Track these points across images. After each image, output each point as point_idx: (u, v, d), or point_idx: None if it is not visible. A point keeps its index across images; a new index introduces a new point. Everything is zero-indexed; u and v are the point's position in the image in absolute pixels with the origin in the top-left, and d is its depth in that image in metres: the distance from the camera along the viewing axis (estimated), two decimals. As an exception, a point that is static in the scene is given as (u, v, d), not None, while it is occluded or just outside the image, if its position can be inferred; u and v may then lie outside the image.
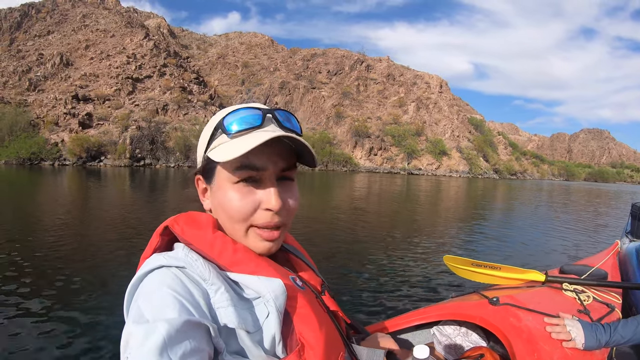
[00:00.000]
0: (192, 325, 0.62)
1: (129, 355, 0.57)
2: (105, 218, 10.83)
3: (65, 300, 4.63)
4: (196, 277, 0.72)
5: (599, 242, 10.47)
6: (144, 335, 0.57)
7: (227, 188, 0.79)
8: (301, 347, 0.74)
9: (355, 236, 9.65)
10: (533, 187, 57.76)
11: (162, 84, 72.59)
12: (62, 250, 6.83)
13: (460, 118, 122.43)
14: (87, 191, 18.86)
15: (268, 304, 0.74)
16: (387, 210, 16.96)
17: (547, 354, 1.74)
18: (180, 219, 0.82)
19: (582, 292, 2.50)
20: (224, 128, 0.80)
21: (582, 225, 14.38)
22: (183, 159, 60.13)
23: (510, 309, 2.10)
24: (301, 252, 1.04)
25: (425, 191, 32.12)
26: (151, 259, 0.74)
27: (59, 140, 56.14)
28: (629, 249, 4.27)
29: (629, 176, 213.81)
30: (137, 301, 0.66)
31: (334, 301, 0.95)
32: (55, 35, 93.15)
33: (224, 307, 0.70)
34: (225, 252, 0.78)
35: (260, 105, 0.84)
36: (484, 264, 2.84)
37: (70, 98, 62.97)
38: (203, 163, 0.84)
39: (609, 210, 22.40)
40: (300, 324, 0.77)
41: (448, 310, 2.26)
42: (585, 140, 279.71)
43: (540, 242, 10.20)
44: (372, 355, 0.96)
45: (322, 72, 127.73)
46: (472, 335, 2.21)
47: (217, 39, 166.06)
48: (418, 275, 6.44)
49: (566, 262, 2.98)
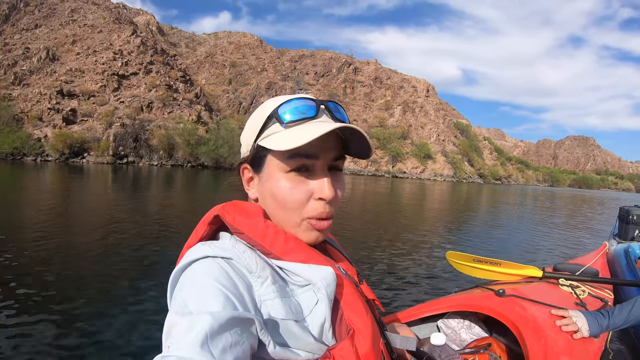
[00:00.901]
0: (236, 319, 0.61)
1: (170, 345, 0.57)
2: (85, 217, 10.73)
3: (47, 299, 4.59)
4: (242, 270, 0.71)
5: (585, 244, 10.94)
6: (187, 327, 0.57)
7: (279, 177, 0.79)
8: (353, 332, 0.74)
9: (353, 234, 9.87)
10: (518, 192, 58.49)
11: (148, 82, 72.05)
12: (42, 250, 6.69)
13: (447, 122, 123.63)
14: (67, 189, 18.63)
15: (319, 291, 0.74)
16: (381, 212, 17.26)
17: (554, 341, 1.86)
18: (229, 207, 0.82)
19: (577, 287, 2.68)
20: (278, 117, 0.79)
21: (569, 229, 14.80)
22: (166, 157, 59.78)
23: (516, 300, 2.23)
24: (336, 243, 1.03)
25: (414, 194, 32.70)
26: (196, 248, 0.74)
27: (42, 135, 55.55)
28: (617, 250, 4.66)
29: (612, 183, 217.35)
30: (181, 291, 0.66)
31: (370, 290, 0.96)
32: (43, 29, 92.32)
33: (271, 300, 0.70)
34: (277, 241, 0.78)
35: (311, 95, 0.83)
36: (484, 260, 3.01)
37: (55, 93, 62.32)
38: (252, 152, 0.83)
39: (595, 215, 22.98)
40: (348, 310, 0.77)
41: (456, 303, 2.38)
42: (571, 147, 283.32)
43: (532, 243, 10.59)
44: (406, 342, 0.98)
45: (309, 73, 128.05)
46: (475, 328, 2.34)
47: (206, 37, 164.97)
48: (420, 272, 6.65)
49: (558, 261, 3.19)
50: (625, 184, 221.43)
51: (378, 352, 0.79)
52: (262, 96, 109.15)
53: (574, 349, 1.86)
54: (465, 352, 2.07)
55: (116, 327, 3.97)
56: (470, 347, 2.14)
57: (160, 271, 5.92)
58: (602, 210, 28.56)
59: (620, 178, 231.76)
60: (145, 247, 7.36)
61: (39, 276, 5.31)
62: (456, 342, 2.27)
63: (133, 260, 6.46)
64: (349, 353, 0.72)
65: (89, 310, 4.33)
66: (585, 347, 1.93)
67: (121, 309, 4.39)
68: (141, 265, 6.28)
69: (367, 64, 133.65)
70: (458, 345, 2.25)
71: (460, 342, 2.26)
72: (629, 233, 5.52)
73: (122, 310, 4.38)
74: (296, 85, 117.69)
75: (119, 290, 5.04)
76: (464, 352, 2.08)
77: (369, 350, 0.75)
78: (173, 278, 0.71)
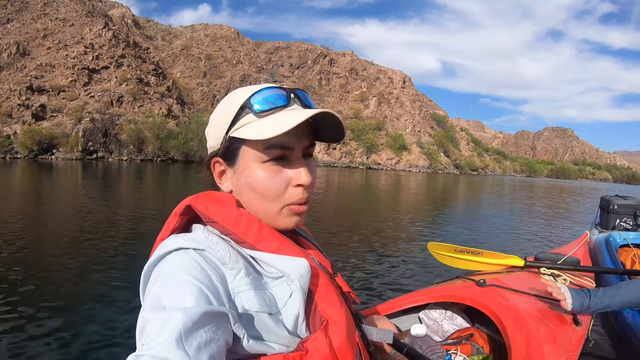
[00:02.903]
0: (210, 314, 0.59)
1: (145, 343, 0.55)
2: (52, 215, 10.33)
3: (14, 299, 4.49)
4: (215, 261, 0.70)
5: (567, 234, 11.01)
6: (160, 324, 0.56)
7: (255, 167, 0.79)
8: (326, 324, 0.74)
9: (330, 228, 9.59)
10: (495, 182, 58.20)
11: (119, 75, 71.37)
12: (9, 249, 6.51)
13: (423, 113, 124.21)
14: (36, 187, 17.83)
15: (292, 284, 0.74)
16: (357, 204, 17.28)
17: (535, 329, 1.87)
18: (201, 197, 0.81)
19: (559, 276, 2.71)
20: (250, 107, 0.79)
21: (548, 218, 14.84)
22: (136, 152, 59.51)
23: (497, 290, 2.24)
24: (308, 234, 1.04)
25: (390, 185, 32.82)
26: (168, 240, 0.73)
27: (11, 132, 55.00)
28: (598, 239, 4.76)
29: (590, 173, 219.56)
30: (154, 286, 0.65)
31: (345, 282, 0.96)
32: (15, 24, 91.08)
33: (244, 292, 0.69)
34: (251, 229, 0.77)
35: (279, 85, 0.85)
36: (466, 250, 3.00)
37: (24, 89, 61.46)
38: (224, 144, 0.82)
39: (574, 205, 23.11)
40: (322, 302, 0.77)
41: (437, 294, 2.37)
42: (549, 138, 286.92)
43: (512, 234, 10.62)
44: (382, 334, 0.98)
45: (284, 65, 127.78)
46: (457, 319, 2.35)
47: (183, 30, 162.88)
48: (400, 263, 6.63)
49: (540, 251, 3.18)
50: (602, 174, 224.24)
51: (353, 344, 0.78)
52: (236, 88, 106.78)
53: (556, 337, 1.87)
54: (447, 343, 2.10)
55: (88, 325, 3.92)
56: (452, 338, 2.17)
57: (133, 265, 5.86)
58: (582, 199, 28.62)
59: (598, 168, 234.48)
60: (117, 243, 7.27)
61: (4, 275, 5.21)
62: (438, 333, 2.29)
63: (105, 256, 6.36)
64: (322, 345, 0.72)
65: (60, 309, 4.29)
66: (567, 336, 1.94)
67: (92, 307, 4.36)
68: (114, 260, 6.17)
69: (343, 56, 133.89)
70: (440, 336, 2.27)
71: (443, 333, 2.28)
72: (610, 222, 5.57)
73: (93, 307, 4.35)
74: (270, 77, 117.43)
75: (90, 288, 4.96)
76: (446, 342, 2.12)
77: (344, 342, 0.74)
78: (145, 272, 0.70)
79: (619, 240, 4.57)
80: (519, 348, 1.75)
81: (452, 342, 2.12)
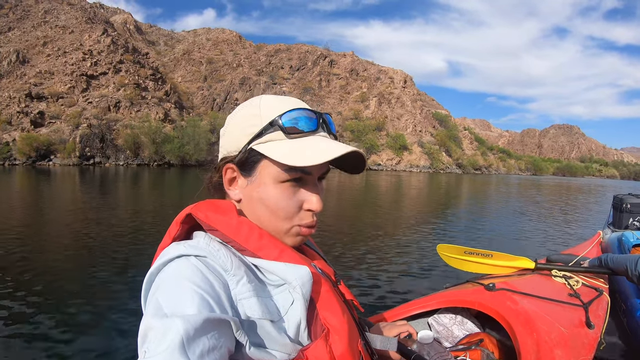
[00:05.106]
0: (212, 321, 0.60)
1: (147, 350, 0.56)
2: (51, 223, 10.28)
3: (16, 304, 4.53)
4: (217, 268, 0.70)
5: (579, 234, 10.76)
6: (163, 331, 0.56)
7: (272, 185, 0.79)
8: (327, 332, 0.74)
9: (334, 233, 9.44)
10: (498, 181, 57.71)
11: (117, 81, 71.76)
12: (10, 255, 6.59)
13: (424, 113, 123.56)
14: (34, 193, 17.92)
15: (294, 291, 0.74)
16: (360, 207, 17.01)
17: (546, 334, 1.81)
18: (202, 205, 0.81)
19: (571, 278, 2.62)
20: (280, 126, 0.78)
21: (559, 218, 14.60)
22: (132, 157, 59.63)
23: (507, 294, 2.18)
24: (310, 241, 1.03)
25: (392, 186, 32.72)
26: (170, 248, 0.73)
27: (10, 139, 55.27)
28: (611, 239, 4.57)
29: (597, 170, 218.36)
30: (155, 293, 0.65)
31: (348, 290, 0.96)
32: (15, 32, 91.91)
33: (247, 298, 0.69)
34: (251, 237, 0.78)
35: (307, 105, 0.84)
36: (476, 252, 2.94)
37: (24, 96, 61.97)
38: (244, 154, 0.81)
39: (585, 204, 22.45)
40: (324, 309, 0.77)
41: (446, 299, 2.33)
42: (555, 136, 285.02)
43: (522, 235, 10.42)
44: (386, 342, 0.97)
45: (284, 67, 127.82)
46: (468, 324, 2.29)
47: (185, 35, 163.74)
48: (409, 267, 6.54)
49: (551, 252, 2.99)
50: (609, 171, 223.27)
51: (355, 353, 0.78)
52: (235, 92, 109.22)
53: (567, 341, 1.82)
54: (457, 349, 2.05)
55: (89, 332, 3.93)
56: (462, 344, 2.13)
57: (133, 271, 5.88)
58: (590, 197, 28.15)
59: (605, 165, 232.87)
60: (118, 250, 7.21)
61: (3, 281, 5.24)
62: (448, 339, 2.26)
63: (106, 264, 6.31)
64: (322, 353, 0.72)
65: (61, 316, 4.28)
66: (579, 339, 1.90)
67: (93, 314, 4.35)
68: (115, 268, 6.13)
69: (343, 57, 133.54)
70: (450, 342, 2.24)
71: (453, 339, 2.25)
72: (623, 221, 5.48)
73: (94, 314, 4.33)
74: (270, 79, 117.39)
75: (90, 295, 4.94)
76: (456, 348, 2.07)
77: (345, 351, 0.74)
78: (147, 280, 0.70)
79: (632, 239, 4.33)
80: (529, 352, 1.73)
81: (461, 347, 2.07)
